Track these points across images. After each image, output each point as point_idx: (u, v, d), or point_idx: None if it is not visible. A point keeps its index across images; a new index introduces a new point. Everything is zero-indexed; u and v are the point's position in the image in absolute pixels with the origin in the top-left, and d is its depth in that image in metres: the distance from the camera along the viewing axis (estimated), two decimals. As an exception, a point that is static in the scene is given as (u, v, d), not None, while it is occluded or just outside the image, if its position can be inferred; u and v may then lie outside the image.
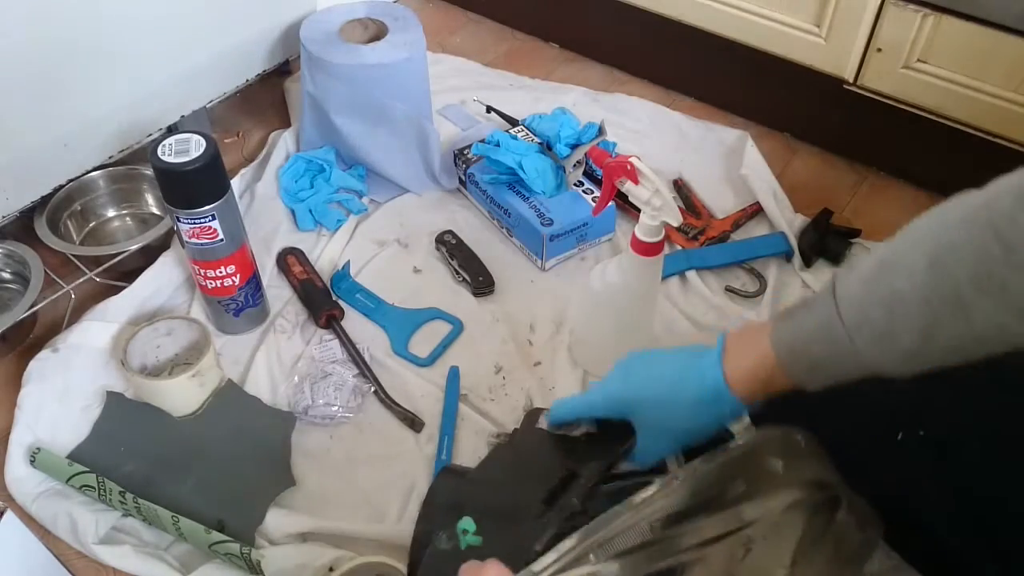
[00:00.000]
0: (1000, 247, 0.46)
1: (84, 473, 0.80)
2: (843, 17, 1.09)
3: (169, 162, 0.81)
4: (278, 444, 0.85)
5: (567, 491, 0.63)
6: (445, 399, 0.90)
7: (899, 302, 0.50)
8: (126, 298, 0.97)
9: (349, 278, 1.03)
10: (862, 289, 0.53)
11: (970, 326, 0.49)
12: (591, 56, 1.42)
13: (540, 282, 1.03)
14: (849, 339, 0.53)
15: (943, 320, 0.49)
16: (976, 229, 0.47)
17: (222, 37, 1.13)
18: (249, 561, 0.73)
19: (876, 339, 0.52)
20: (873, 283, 0.52)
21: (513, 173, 1.05)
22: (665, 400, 0.64)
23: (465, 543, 0.61)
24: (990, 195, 0.48)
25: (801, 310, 0.57)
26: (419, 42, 1.09)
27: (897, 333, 0.51)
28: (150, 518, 0.78)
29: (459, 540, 0.61)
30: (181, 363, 0.91)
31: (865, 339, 0.52)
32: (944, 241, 0.49)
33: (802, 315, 0.57)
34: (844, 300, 0.53)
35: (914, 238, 0.52)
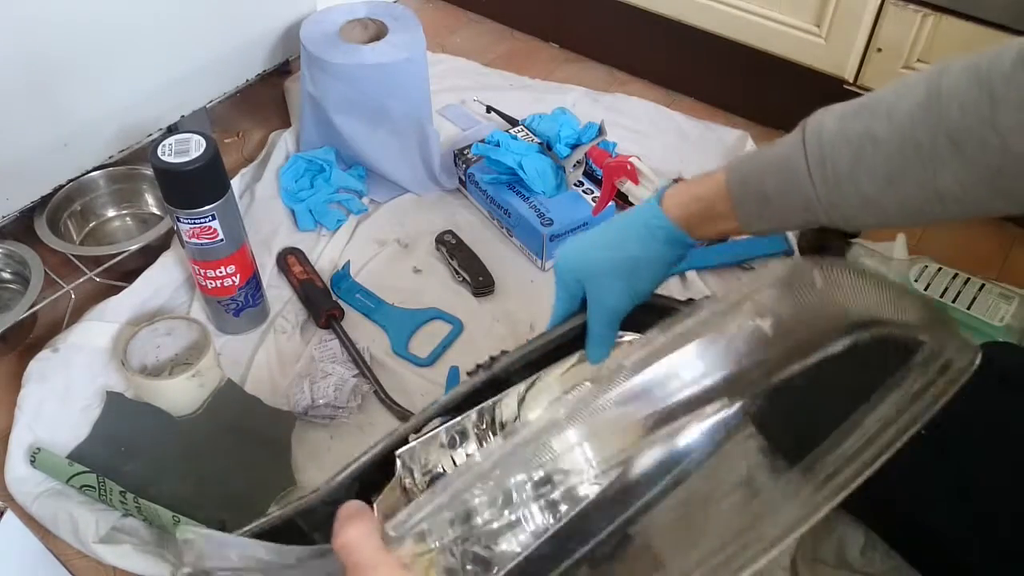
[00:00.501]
0: (988, 103, 0.45)
1: (84, 473, 0.80)
2: (843, 17, 1.09)
3: (169, 162, 0.81)
4: (278, 443, 0.85)
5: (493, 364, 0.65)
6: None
7: (871, 143, 0.49)
8: (126, 298, 0.97)
9: (349, 278, 1.03)
10: (836, 124, 0.51)
11: (935, 181, 0.47)
12: (591, 56, 1.42)
13: (540, 282, 1.03)
14: (808, 174, 0.51)
15: (910, 169, 0.48)
16: (971, 81, 0.46)
17: (222, 37, 1.13)
18: None
19: (836, 178, 0.50)
20: (850, 120, 0.51)
21: (513, 173, 1.05)
22: (606, 238, 0.63)
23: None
24: (995, 54, 0.46)
25: (765, 145, 0.55)
26: (419, 42, 1.09)
27: (859, 175, 0.50)
28: (150, 518, 0.78)
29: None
30: (181, 363, 0.91)
31: (825, 176, 0.51)
32: (936, 87, 0.47)
33: (765, 148, 0.55)
34: (813, 134, 0.52)
35: (909, 82, 0.50)
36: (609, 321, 0.65)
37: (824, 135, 0.51)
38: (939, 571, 0.71)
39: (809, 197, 0.52)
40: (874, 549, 0.76)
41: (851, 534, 0.77)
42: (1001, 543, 0.64)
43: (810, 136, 0.52)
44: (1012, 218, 1.11)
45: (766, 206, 0.55)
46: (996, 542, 0.64)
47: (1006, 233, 1.11)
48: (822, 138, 0.51)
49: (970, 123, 0.46)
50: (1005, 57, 0.45)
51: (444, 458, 0.64)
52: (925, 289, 0.96)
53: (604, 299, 0.64)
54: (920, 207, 0.50)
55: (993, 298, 0.94)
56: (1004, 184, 0.46)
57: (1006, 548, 0.64)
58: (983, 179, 0.46)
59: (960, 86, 0.47)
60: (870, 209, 0.51)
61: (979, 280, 0.96)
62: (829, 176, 0.51)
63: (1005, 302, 0.94)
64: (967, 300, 0.94)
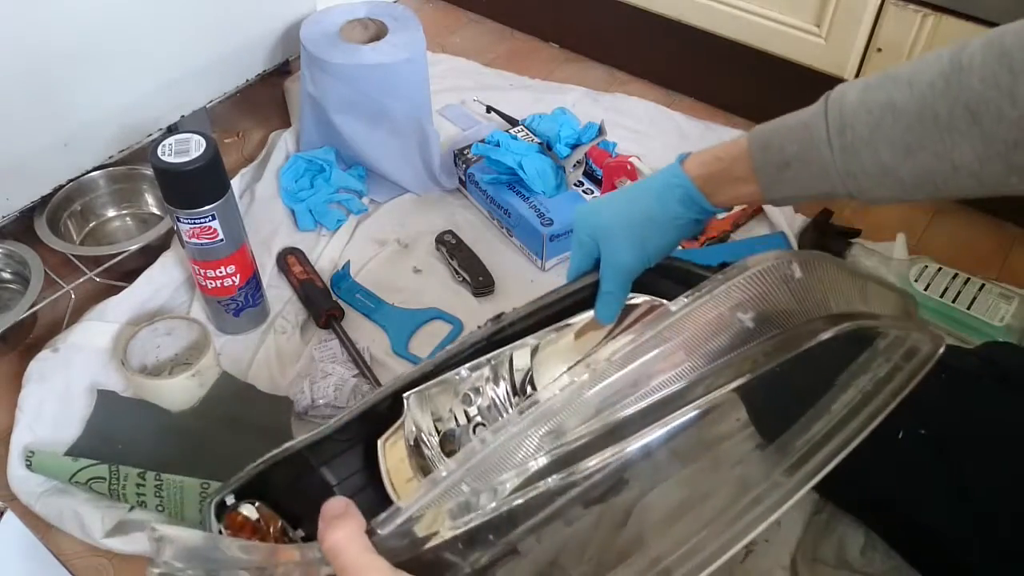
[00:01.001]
0: (1008, 76, 0.45)
1: (92, 466, 0.80)
2: (843, 17, 1.09)
3: (169, 162, 0.81)
4: (279, 428, 0.85)
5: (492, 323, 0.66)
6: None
7: (891, 112, 0.50)
8: (126, 298, 0.97)
9: (349, 278, 1.03)
10: (858, 94, 0.52)
11: (952, 152, 0.48)
12: (591, 56, 1.42)
13: (540, 282, 1.03)
14: (828, 142, 0.52)
15: (928, 139, 0.48)
16: (993, 54, 0.47)
17: (222, 37, 1.13)
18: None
19: (855, 144, 0.51)
20: (872, 90, 0.51)
21: (513, 173, 1.05)
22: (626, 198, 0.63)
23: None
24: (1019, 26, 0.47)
25: (789, 114, 0.56)
26: (419, 42, 1.09)
27: (877, 143, 0.50)
28: (170, 498, 0.77)
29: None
30: (181, 363, 0.91)
31: (844, 143, 0.51)
32: (957, 59, 0.48)
33: (788, 116, 0.56)
34: (835, 102, 0.52)
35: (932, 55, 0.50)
36: (620, 280, 0.64)
37: (846, 104, 0.52)
38: (939, 571, 0.71)
39: (827, 165, 0.52)
40: (874, 549, 0.76)
41: (851, 534, 0.77)
42: (1001, 543, 0.64)
43: (832, 105, 0.52)
44: (1012, 218, 1.11)
45: (785, 171, 0.55)
46: (996, 542, 0.64)
47: (1006, 233, 1.11)
48: (843, 107, 0.52)
49: (989, 95, 0.46)
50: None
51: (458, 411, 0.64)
52: (925, 289, 0.96)
53: (616, 256, 0.64)
54: (936, 179, 0.50)
55: (993, 298, 0.94)
56: (1020, 158, 0.46)
57: (1006, 548, 0.64)
58: (999, 153, 0.47)
59: (981, 58, 0.47)
60: (887, 180, 0.51)
61: (979, 280, 0.96)
62: (848, 144, 0.51)
63: (1005, 302, 0.94)
64: (967, 300, 0.94)
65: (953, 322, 0.94)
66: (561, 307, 0.68)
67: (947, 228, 1.11)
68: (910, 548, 0.74)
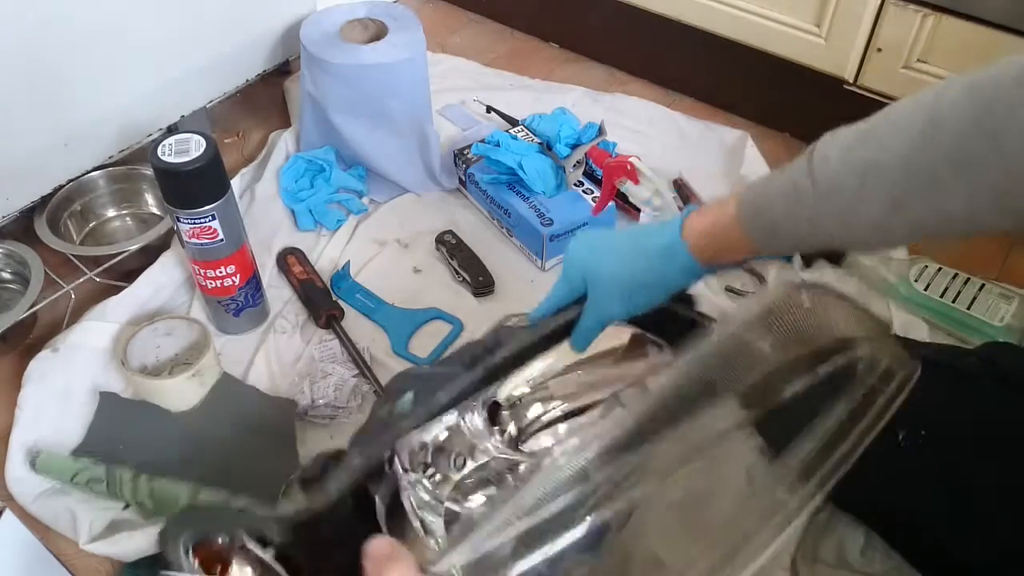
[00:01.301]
0: (989, 126, 0.45)
1: (91, 467, 0.80)
2: (843, 17, 1.09)
3: (169, 162, 0.81)
4: (282, 429, 0.86)
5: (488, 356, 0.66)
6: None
7: (874, 171, 0.50)
8: (126, 298, 0.97)
9: (349, 278, 1.03)
10: (840, 154, 0.52)
11: (941, 203, 0.48)
12: (591, 56, 1.42)
13: (540, 282, 1.03)
14: (816, 203, 0.52)
15: (915, 194, 0.48)
16: (971, 104, 0.46)
17: (222, 37, 1.13)
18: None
19: (843, 207, 0.51)
20: (853, 149, 0.51)
21: (513, 173, 1.05)
22: (621, 251, 0.64)
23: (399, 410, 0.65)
24: (995, 73, 0.46)
25: (775, 172, 0.56)
26: (419, 42, 1.09)
27: (866, 202, 0.50)
28: (164, 501, 0.77)
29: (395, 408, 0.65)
30: (181, 363, 0.91)
31: (833, 205, 0.52)
32: (934, 113, 0.48)
33: (774, 175, 0.56)
34: (820, 163, 0.53)
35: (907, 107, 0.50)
36: (601, 323, 0.67)
37: (829, 165, 0.52)
38: (939, 571, 0.71)
39: (820, 224, 0.53)
40: (874, 549, 0.76)
41: (851, 534, 0.77)
42: (1001, 543, 0.64)
43: (817, 166, 0.52)
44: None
45: (778, 233, 0.56)
46: (996, 542, 0.64)
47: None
48: (828, 167, 0.52)
49: (972, 147, 0.46)
50: (1005, 78, 0.45)
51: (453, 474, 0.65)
52: (925, 289, 0.96)
53: (604, 306, 0.65)
54: (928, 228, 0.50)
55: (993, 298, 0.94)
56: (1010, 204, 0.46)
57: (1006, 548, 0.64)
58: (989, 201, 0.47)
59: (959, 110, 0.47)
60: (879, 233, 0.51)
61: (979, 280, 0.96)
62: (837, 205, 0.51)
63: (1005, 302, 0.94)
64: (967, 300, 0.94)
65: (953, 322, 0.94)
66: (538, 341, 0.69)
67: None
68: (910, 548, 0.74)
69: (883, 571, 0.75)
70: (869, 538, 0.77)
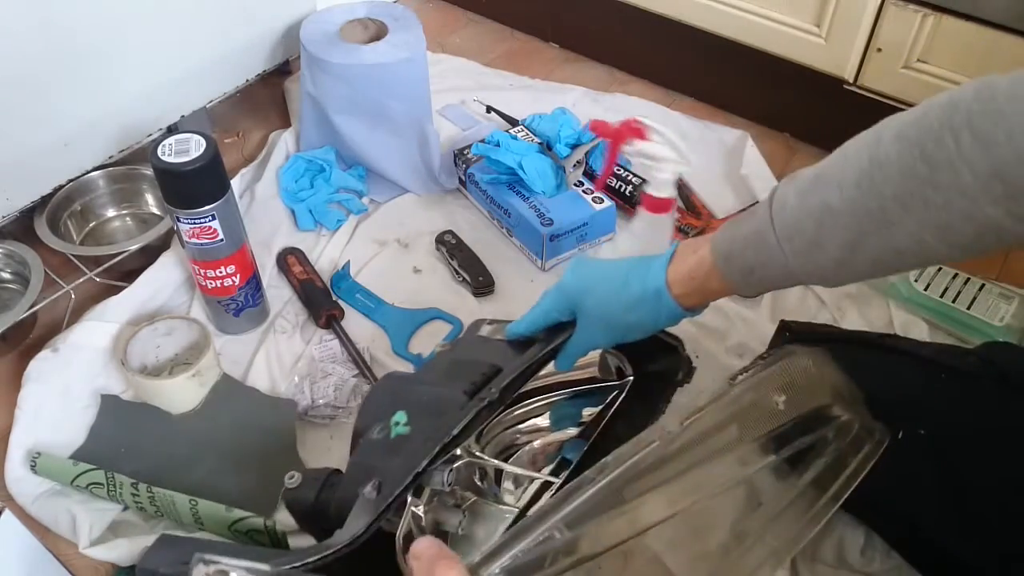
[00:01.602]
0: (925, 166, 0.48)
1: (91, 471, 0.80)
2: (843, 17, 1.09)
3: (169, 162, 0.81)
4: (282, 430, 0.86)
5: (489, 384, 0.65)
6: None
7: (828, 214, 0.53)
8: (126, 298, 0.97)
9: (349, 278, 1.03)
10: (797, 200, 0.55)
11: (893, 240, 0.51)
12: (591, 56, 1.42)
13: (540, 282, 1.03)
14: (780, 247, 0.55)
15: (868, 233, 0.51)
16: (905, 148, 0.49)
17: (222, 37, 1.13)
18: (274, 534, 0.73)
19: (805, 249, 0.54)
20: (807, 195, 0.54)
21: (513, 173, 1.05)
22: (610, 292, 0.66)
23: (396, 433, 0.64)
24: (921, 115, 0.49)
25: (743, 217, 0.60)
26: (419, 42, 1.09)
27: (825, 244, 0.53)
28: (165, 508, 0.77)
29: (391, 430, 0.64)
30: (181, 363, 0.91)
31: (795, 248, 0.55)
32: (875, 157, 0.51)
33: (742, 221, 0.59)
34: (779, 210, 0.56)
35: (849, 153, 0.53)
36: (586, 351, 0.71)
37: (787, 211, 0.55)
38: (939, 571, 0.71)
39: (786, 267, 0.56)
40: (874, 549, 0.76)
41: (851, 534, 0.77)
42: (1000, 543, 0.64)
43: (776, 213, 0.56)
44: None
45: (751, 276, 0.59)
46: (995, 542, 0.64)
47: (1006, 233, 1.10)
48: (785, 214, 0.55)
49: (911, 186, 0.48)
50: (931, 119, 0.48)
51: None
52: (925, 289, 0.96)
53: (590, 336, 0.69)
54: (886, 263, 0.53)
55: (993, 298, 0.94)
56: (954, 238, 0.49)
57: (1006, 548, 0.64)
58: (934, 235, 0.49)
59: (895, 153, 0.49)
60: (843, 271, 0.55)
61: (979, 280, 0.96)
62: (799, 248, 0.55)
63: (1005, 302, 0.94)
64: (967, 300, 0.94)
65: (953, 322, 0.94)
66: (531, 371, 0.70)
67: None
68: (910, 548, 0.74)
69: (883, 571, 0.75)
70: (869, 538, 0.77)
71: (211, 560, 0.40)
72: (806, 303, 1.00)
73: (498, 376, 0.66)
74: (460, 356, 0.75)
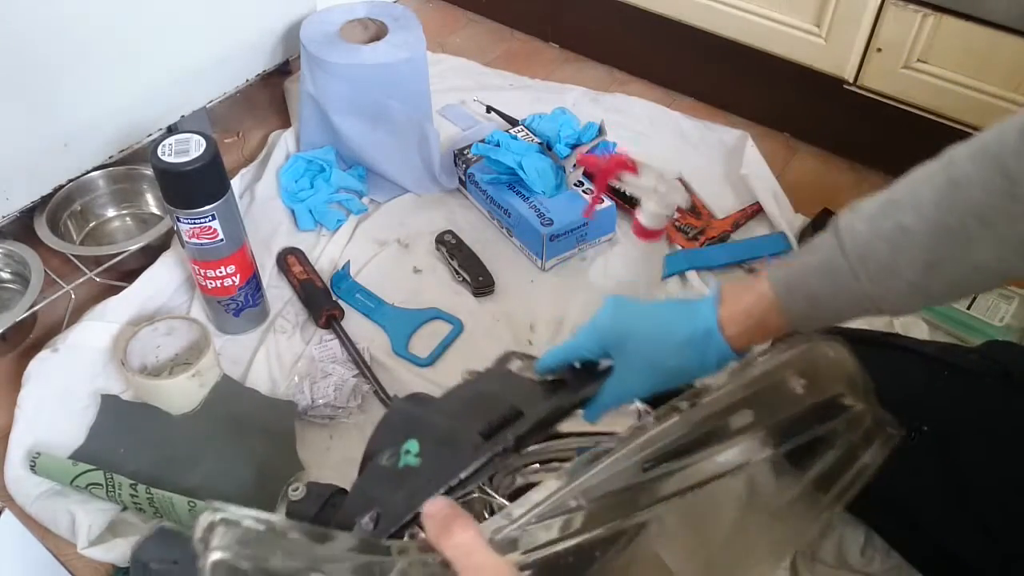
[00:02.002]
0: (1006, 180, 0.48)
1: (91, 471, 0.80)
2: (843, 17, 1.09)
3: (169, 162, 0.81)
4: (282, 431, 0.86)
5: (507, 428, 0.62)
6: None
7: (904, 236, 0.52)
8: (126, 298, 0.97)
9: (349, 278, 1.03)
10: (867, 225, 0.54)
11: (972, 258, 0.51)
12: (591, 56, 1.42)
13: (540, 282, 1.03)
14: (852, 273, 0.54)
15: (946, 253, 0.51)
16: (984, 164, 0.49)
17: (222, 37, 1.13)
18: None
19: (879, 272, 0.53)
20: (878, 219, 0.54)
21: (513, 173, 1.05)
22: (655, 333, 0.62)
23: (404, 463, 0.62)
24: (997, 133, 0.49)
25: (801, 252, 0.58)
26: (419, 42, 1.09)
27: (900, 266, 0.52)
28: (163, 509, 0.77)
29: (399, 459, 0.62)
30: (181, 363, 0.91)
31: (869, 272, 0.54)
32: (951, 176, 0.50)
33: (802, 254, 0.58)
34: (848, 236, 0.55)
35: (922, 176, 0.53)
36: (619, 401, 0.66)
37: (858, 236, 0.54)
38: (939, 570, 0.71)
39: (858, 294, 0.55)
40: (874, 549, 0.76)
41: (851, 534, 0.77)
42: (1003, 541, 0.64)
43: (846, 239, 0.55)
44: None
45: (818, 309, 0.58)
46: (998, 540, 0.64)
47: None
48: (856, 239, 0.54)
49: (993, 201, 0.49)
50: (1009, 134, 0.48)
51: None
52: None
53: (628, 382, 0.64)
54: (962, 283, 0.53)
55: (993, 298, 0.94)
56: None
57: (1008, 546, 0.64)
58: (1016, 249, 0.49)
59: (973, 170, 0.50)
60: (917, 294, 0.54)
61: (979, 280, 0.96)
62: (872, 272, 0.54)
63: (1005, 302, 0.94)
64: (967, 300, 0.94)
65: (953, 322, 0.94)
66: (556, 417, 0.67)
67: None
68: (911, 546, 0.74)
69: (883, 571, 0.75)
70: (869, 538, 0.77)
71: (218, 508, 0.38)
72: (806, 303, 1.00)
73: (518, 422, 0.63)
74: (484, 389, 0.72)
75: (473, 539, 0.39)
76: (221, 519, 0.37)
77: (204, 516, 0.37)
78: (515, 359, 0.74)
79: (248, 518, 0.38)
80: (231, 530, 0.37)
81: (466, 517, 0.41)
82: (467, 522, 0.40)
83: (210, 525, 0.37)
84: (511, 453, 0.60)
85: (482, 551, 0.39)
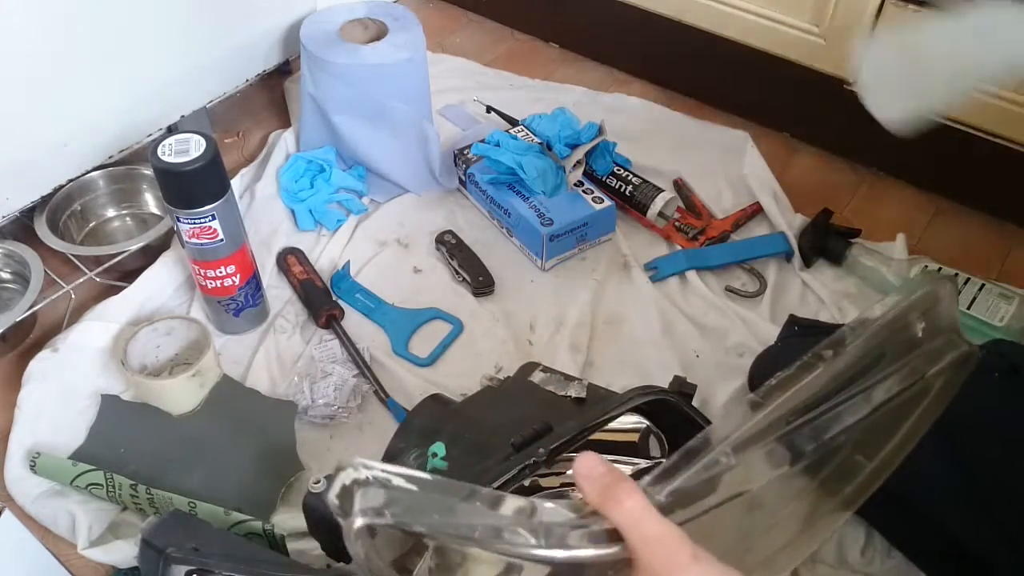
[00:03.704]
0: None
1: (91, 472, 0.80)
2: (843, 17, 1.09)
3: (169, 162, 0.81)
4: (282, 431, 0.86)
5: (537, 441, 0.62)
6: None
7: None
8: (126, 298, 0.97)
9: (349, 278, 1.03)
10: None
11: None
12: (591, 56, 1.42)
13: (540, 282, 1.03)
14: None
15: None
16: None
17: (222, 37, 1.13)
18: (272, 537, 0.73)
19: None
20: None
21: (513, 173, 1.05)
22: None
23: (431, 465, 0.62)
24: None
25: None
26: (419, 42, 1.09)
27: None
28: (163, 509, 0.77)
29: (427, 460, 0.62)
30: (181, 363, 0.91)
31: None
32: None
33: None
34: None
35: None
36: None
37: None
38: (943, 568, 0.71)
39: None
40: (874, 549, 0.76)
41: (851, 534, 0.77)
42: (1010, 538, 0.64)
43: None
44: (1012, 218, 1.11)
45: None
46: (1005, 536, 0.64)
47: (1006, 233, 1.11)
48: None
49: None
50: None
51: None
52: (925, 289, 0.96)
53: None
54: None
55: (993, 298, 0.94)
56: None
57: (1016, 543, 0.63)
58: None
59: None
60: None
61: (979, 280, 0.96)
62: None
63: (1005, 302, 0.94)
64: (967, 300, 0.94)
65: (953, 322, 0.94)
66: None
67: (947, 228, 1.11)
68: (914, 543, 0.73)
69: (883, 571, 0.75)
70: (869, 538, 0.77)
71: (368, 466, 0.34)
72: (806, 302, 1.00)
73: (548, 435, 0.63)
74: (508, 399, 0.72)
75: (643, 505, 0.36)
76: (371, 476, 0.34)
77: (347, 472, 0.34)
78: (538, 371, 0.74)
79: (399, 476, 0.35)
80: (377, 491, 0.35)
81: (628, 482, 0.37)
82: (632, 486, 0.37)
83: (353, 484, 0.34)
84: (541, 465, 0.60)
85: (654, 519, 0.36)
